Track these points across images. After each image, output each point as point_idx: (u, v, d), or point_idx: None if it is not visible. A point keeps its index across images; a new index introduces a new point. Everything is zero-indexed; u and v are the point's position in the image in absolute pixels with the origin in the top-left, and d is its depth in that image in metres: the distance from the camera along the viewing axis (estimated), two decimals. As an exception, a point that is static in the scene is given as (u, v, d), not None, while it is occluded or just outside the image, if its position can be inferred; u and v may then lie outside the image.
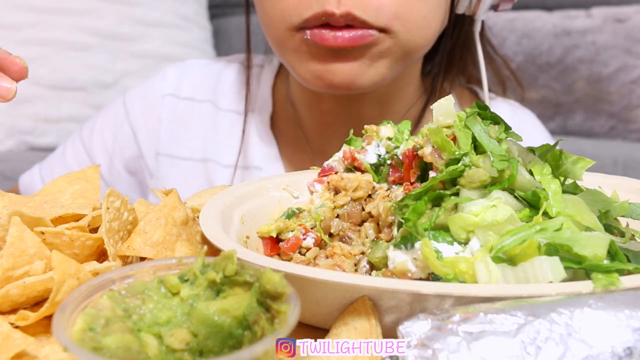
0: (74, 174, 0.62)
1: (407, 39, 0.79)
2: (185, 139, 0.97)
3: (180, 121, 0.98)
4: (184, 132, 0.97)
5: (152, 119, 0.97)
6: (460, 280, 0.46)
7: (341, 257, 0.59)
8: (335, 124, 0.92)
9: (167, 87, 0.99)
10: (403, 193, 0.57)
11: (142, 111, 0.98)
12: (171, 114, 0.97)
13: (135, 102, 1.00)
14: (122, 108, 1.01)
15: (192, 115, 0.97)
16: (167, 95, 0.98)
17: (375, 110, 0.91)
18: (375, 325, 0.45)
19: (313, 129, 0.95)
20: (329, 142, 0.91)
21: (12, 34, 1.68)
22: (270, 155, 0.94)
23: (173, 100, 0.98)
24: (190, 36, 2.01)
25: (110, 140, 1.00)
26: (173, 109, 0.97)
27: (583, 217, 0.50)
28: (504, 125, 0.54)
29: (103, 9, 1.82)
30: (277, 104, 0.97)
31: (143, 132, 0.98)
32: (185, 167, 0.96)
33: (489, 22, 1.91)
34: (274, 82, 0.98)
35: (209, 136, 0.97)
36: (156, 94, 0.98)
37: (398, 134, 0.66)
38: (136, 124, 0.98)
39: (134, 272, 0.41)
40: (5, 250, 0.47)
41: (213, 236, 0.52)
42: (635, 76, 1.78)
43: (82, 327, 0.37)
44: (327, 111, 0.92)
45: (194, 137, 0.97)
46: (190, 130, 0.97)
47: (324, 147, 0.91)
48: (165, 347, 0.39)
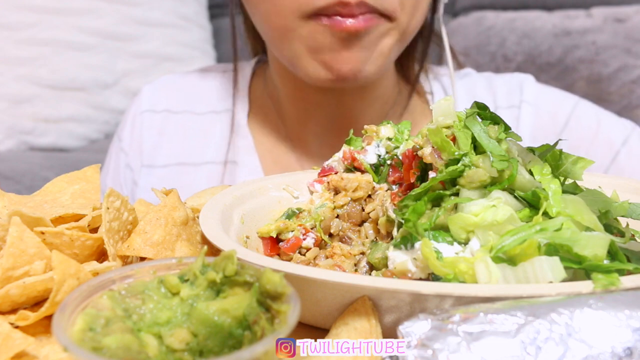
0: (74, 174, 0.62)
1: (405, 23, 0.86)
2: (163, 148, 1.03)
3: (158, 133, 1.05)
4: (162, 142, 1.04)
5: (136, 135, 1.05)
6: (460, 280, 0.46)
7: (341, 257, 0.59)
8: (316, 113, 0.97)
9: (144, 105, 1.06)
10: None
11: (130, 132, 1.06)
12: (150, 128, 1.04)
13: (124, 129, 1.07)
14: (117, 141, 1.09)
15: (169, 125, 1.04)
16: (145, 112, 1.05)
17: (355, 97, 0.95)
18: (375, 325, 0.45)
19: (293, 119, 0.99)
20: (308, 130, 0.97)
21: (12, 34, 1.68)
22: (247, 148, 0.99)
23: (150, 115, 1.05)
24: (190, 36, 2.01)
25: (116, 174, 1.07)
26: (151, 123, 1.04)
27: (583, 217, 0.50)
28: (503, 125, 0.54)
29: (103, 9, 1.82)
30: (254, 101, 1.03)
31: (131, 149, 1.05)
32: (161, 174, 1.02)
33: (489, 22, 1.92)
34: (249, 83, 1.04)
35: (185, 142, 1.03)
36: (136, 113, 1.06)
37: (398, 134, 0.66)
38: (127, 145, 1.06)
39: (134, 272, 0.41)
40: (5, 250, 0.47)
41: (213, 236, 0.52)
42: (635, 76, 1.78)
43: (82, 327, 0.37)
44: (310, 101, 0.96)
45: (171, 145, 1.03)
46: (168, 139, 1.04)
47: (304, 136, 0.98)
48: (165, 347, 0.39)
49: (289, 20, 0.83)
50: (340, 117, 0.96)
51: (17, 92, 1.66)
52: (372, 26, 0.82)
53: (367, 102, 0.96)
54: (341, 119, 0.96)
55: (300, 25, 0.83)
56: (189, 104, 1.06)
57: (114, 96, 1.84)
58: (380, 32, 0.84)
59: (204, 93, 1.06)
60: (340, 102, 0.95)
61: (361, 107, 0.96)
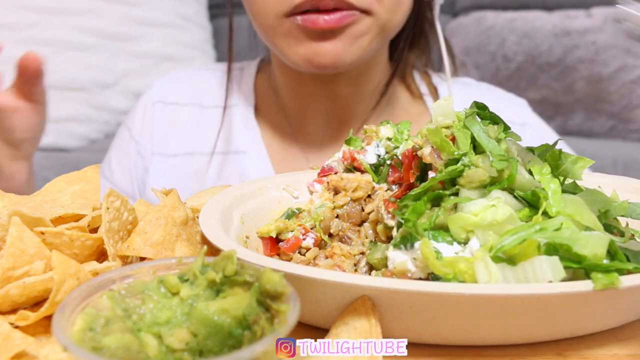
0: (73, 174, 0.62)
1: (384, 18, 0.91)
2: (173, 138, 1.10)
3: (169, 123, 1.11)
4: (172, 132, 1.10)
5: (148, 124, 1.11)
6: (460, 280, 0.46)
7: (341, 257, 0.59)
8: (314, 104, 1.04)
9: (156, 96, 1.13)
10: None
11: (141, 121, 1.12)
12: (161, 118, 1.11)
13: (134, 118, 1.13)
14: (125, 130, 1.14)
15: (179, 117, 1.11)
16: (156, 103, 1.12)
17: (349, 89, 1.02)
18: (375, 325, 0.45)
19: (295, 111, 1.06)
20: (308, 121, 1.05)
21: (12, 34, 1.68)
22: (255, 139, 1.06)
23: (161, 106, 1.12)
24: (190, 36, 2.01)
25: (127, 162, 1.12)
26: (162, 114, 1.11)
27: (583, 217, 0.50)
28: (502, 125, 0.54)
29: (103, 9, 1.82)
30: (260, 96, 1.10)
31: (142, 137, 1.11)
32: (173, 162, 1.08)
33: (489, 22, 1.92)
34: (255, 79, 1.12)
35: (194, 133, 1.10)
36: (147, 103, 1.12)
37: (397, 134, 0.66)
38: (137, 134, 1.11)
39: (133, 272, 0.41)
40: (5, 250, 0.47)
41: (213, 236, 0.52)
42: (635, 76, 1.78)
43: (82, 327, 0.37)
44: (307, 93, 1.04)
45: (181, 135, 1.10)
46: (178, 130, 1.10)
47: (305, 127, 1.05)
48: (165, 347, 0.39)
49: (270, 20, 0.90)
50: (336, 106, 1.03)
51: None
52: (347, 23, 0.87)
53: (359, 93, 1.03)
54: (337, 108, 1.03)
55: (279, 24, 0.89)
56: (197, 98, 1.12)
57: (114, 96, 1.84)
58: (359, 28, 0.89)
59: (210, 88, 1.13)
60: (334, 93, 1.02)
61: (354, 97, 1.03)
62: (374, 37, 0.92)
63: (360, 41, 0.90)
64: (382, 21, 0.90)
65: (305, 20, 0.86)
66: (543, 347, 0.48)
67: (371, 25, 0.90)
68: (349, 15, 0.87)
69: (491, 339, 0.47)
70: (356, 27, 0.88)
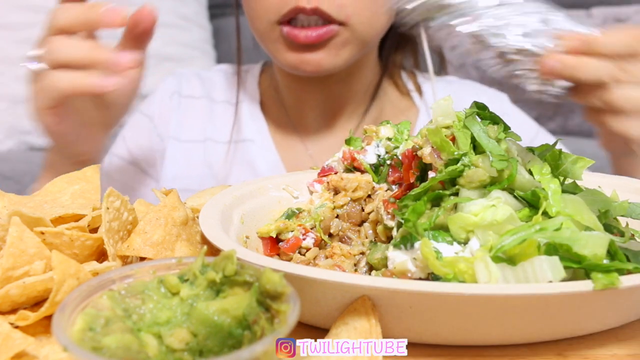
0: (74, 174, 0.62)
1: (361, 30, 0.98)
2: (187, 126, 1.19)
3: (184, 113, 1.20)
4: (186, 120, 1.19)
5: (165, 110, 1.20)
6: (460, 280, 0.46)
7: (341, 257, 0.59)
8: (310, 100, 1.14)
9: (172, 88, 1.22)
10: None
11: (159, 107, 1.21)
12: (177, 107, 1.21)
13: (153, 105, 1.22)
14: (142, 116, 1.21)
15: (193, 108, 1.21)
16: (173, 94, 1.22)
17: (341, 87, 1.12)
18: (375, 325, 0.45)
19: (293, 106, 1.16)
20: (306, 115, 1.15)
21: (12, 34, 1.68)
22: (261, 129, 1.16)
23: (177, 98, 1.22)
24: (190, 36, 2.01)
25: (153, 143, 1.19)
26: (178, 104, 1.21)
27: (582, 217, 0.50)
28: (502, 125, 0.54)
29: (103, 9, 1.81)
30: (264, 92, 1.21)
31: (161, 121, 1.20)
32: (187, 148, 1.17)
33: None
34: (259, 78, 1.23)
35: (207, 122, 1.19)
36: (166, 93, 1.22)
37: (397, 134, 0.66)
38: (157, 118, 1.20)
39: (133, 272, 0.41)
40: (5, 250, 0.47)
41: (213, 236, 0.52)
42: (635, 76, 1.77)
43: (82, 327, 0.37)
44: (303, 91, 1.13)
45: (194, 124, 1.19)
46: (192, 119, 1.20)
47: (303, 119, 1.15)
48: (165, 347, 0.39)
49: (263, 26, 0.98)
50: (329, 101, 1.13)
51: (17, 92, 1.66)
52: (326, 37, 0.95)
53: (350, 90, 1.13)
54: (330, 103, 1.13)
55: (270, 30, 0.98)
56: (208, 93, 1.22)
57: (114, 96, 1.84)
58: (340, 39, 0.97)
59: (219, 85, 1.23)
60: (327, 90, 1.12)
61: (346, 93, 1.14)
62: (354, 47, 0.99)
63: (342, 52, 0.98)
64: (359, 33, 0.97)
65: (288, 34, 0.95)
66: (543, 347, 0.48)
67: (350, 37, 0.97)
68: (328, 31, 0.94)
69: (491, 339, 0.47)
70: (337, 39, 0.96)
